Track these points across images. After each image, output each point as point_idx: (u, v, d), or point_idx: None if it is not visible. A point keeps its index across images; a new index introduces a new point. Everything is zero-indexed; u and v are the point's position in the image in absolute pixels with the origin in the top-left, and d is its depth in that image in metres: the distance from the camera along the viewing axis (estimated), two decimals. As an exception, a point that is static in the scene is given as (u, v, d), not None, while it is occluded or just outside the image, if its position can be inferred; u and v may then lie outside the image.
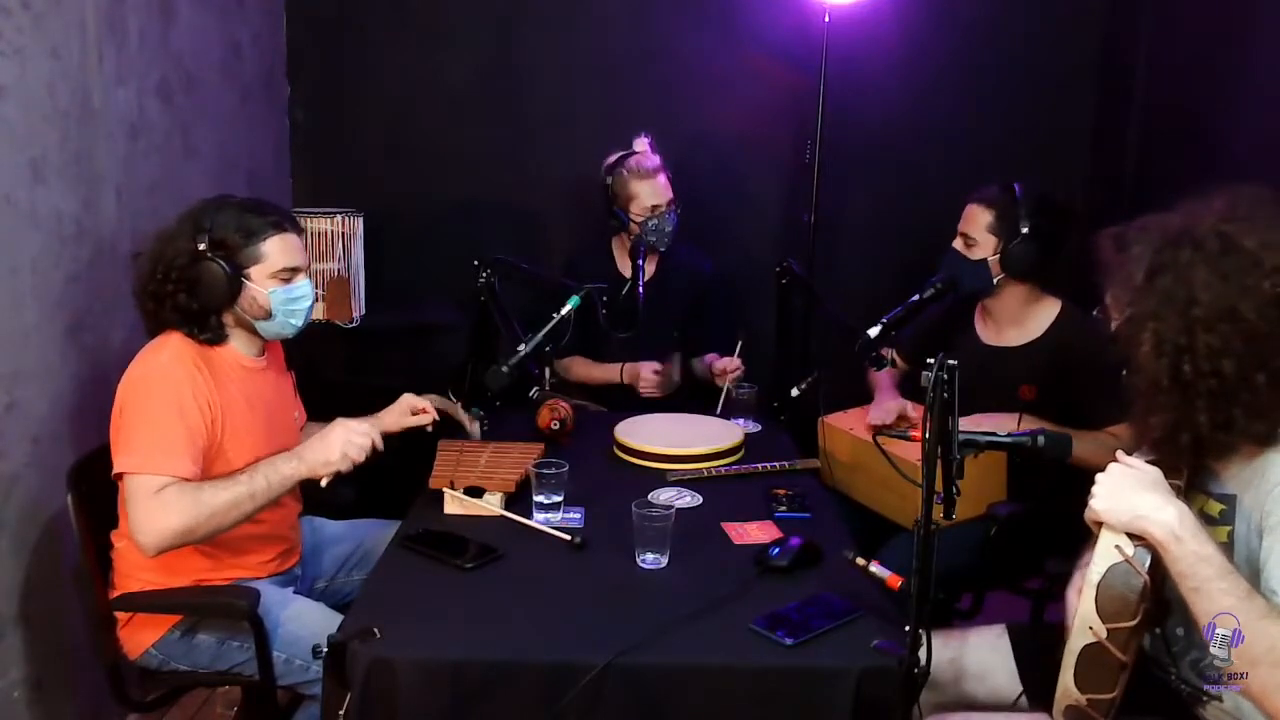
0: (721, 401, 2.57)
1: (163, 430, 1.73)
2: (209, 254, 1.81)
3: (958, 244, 2.31)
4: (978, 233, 2.27)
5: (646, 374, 2.72)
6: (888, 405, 2.36)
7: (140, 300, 1.87)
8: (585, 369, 2.86)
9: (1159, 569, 1.32)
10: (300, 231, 1.94)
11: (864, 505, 2.28)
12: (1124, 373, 1.46)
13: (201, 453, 1.78)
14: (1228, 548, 1.37)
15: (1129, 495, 1.33)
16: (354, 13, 3.35)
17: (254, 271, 1.85)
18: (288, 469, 1.79)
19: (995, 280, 2.28)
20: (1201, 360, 1.31)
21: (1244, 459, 1.38)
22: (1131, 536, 1.32)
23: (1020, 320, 2.33)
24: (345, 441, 1.80)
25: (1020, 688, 1.63)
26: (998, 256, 2.25)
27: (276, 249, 1.86)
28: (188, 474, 1.73)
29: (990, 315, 2.38)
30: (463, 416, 2.23)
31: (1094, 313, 1.53)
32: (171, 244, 1.83)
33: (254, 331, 1.92)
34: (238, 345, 1.92)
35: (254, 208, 1.88)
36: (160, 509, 1.68)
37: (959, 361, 1.34)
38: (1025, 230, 2.22)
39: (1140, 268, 1.38)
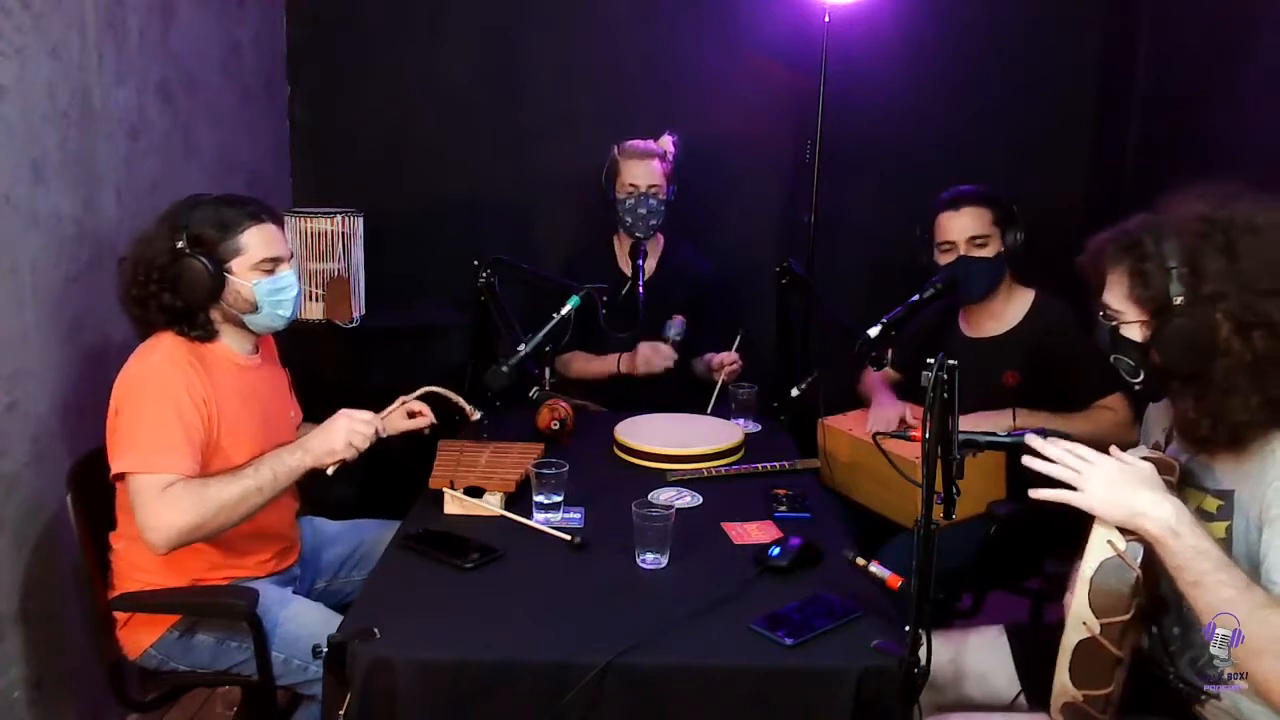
0: (715, 397, 2.57)
1: (160, 429, 1.73)
2: (188, 251, 1.81)
3: (967, 250, 2.31)
4: (987, 229, 2.31)
5: (644, 351, 2.72)
6: (888, 413, 2.37)
7: (126, 305, 1.86)
8: (584, 364, 2.87)
9: (1153, 565, 1.32)
10: (280, 222, 1.94)
11: (864, 505, 2.28)
12: (1149, 367, 1.43)
13: (199, 450, 1.78)
14: (1225, 543, 1.37)
15: (1124, 492, 1.33)
16: (354, 13, 3.35)
17: (235, 265, 1.84)
18: (293, 460, 1.79)
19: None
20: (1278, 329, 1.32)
21: (1240, 454, 1.39)
22: (1124, 531, 1.33)
23: (999, 312, 2.38)
24: (349, 430, 1.80)
25: (1019, 688, 1.63)
26: (1004, 250, 2.32)
27: (256, 240, 1.85)
28: (189, 471, 1.74)
29: (970, 310, 2.42)
30: (458, 399, 2.16)
31: (1100, 316, 1.51)
32: (150, 245, 1.83)
33: (243, 326, 1.91)
34: (230, 342, 1.92)
35: (230, 201, 1.88)
36: (168, 506, 1.69)
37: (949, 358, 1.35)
38: (1019, 220, 2.32)
39: (1174, 259, 1.37)
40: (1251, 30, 2.60)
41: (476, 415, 2.06)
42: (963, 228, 2.32)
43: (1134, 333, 1.45)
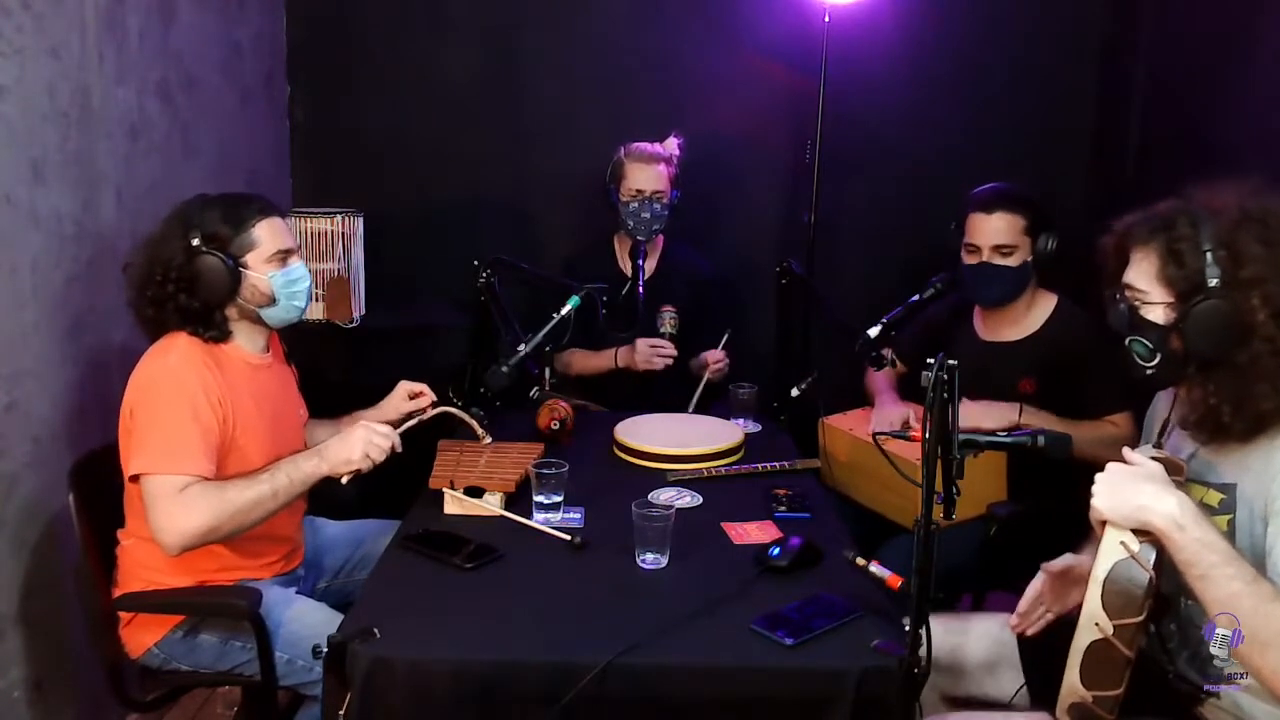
0: (697, 394, 2.57)
1: (177, 430, 1.74)
2: (203, 249, 1.82)
3: (990, 257, 2.27)
4: (1015, 238, 2.25)
5: (643, 350, 2.72)
6: (890, 413, 2.36)
7: (138, 309, 1.86)
8: (584, 360, 2.87)
9: (1161, 565, 1.32)
10: (284, 215, 1.96)
11: (864, 505, 2.28)
12: (1179, 350, 1.42)
13: (215, 451, 1.78)
14: (1229, 536, 1.37)
15: (1129, 489, 1.33)
16: (354, 13, 3.35)
17: (250, 259, 1.86)
18: (309, 466, 1.80)
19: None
20: None
21: (1246, 446, 1.38)
22: (1136, 533, 1.32)
23: (1018, 317, 2.34)
24: (367, 441, 1.81)
25: (1022, 680, 1.63)
26: (1033, 258, 2.27)
27: (267, 233, 1.87)
28: (205, 473, 1.74)
29: (987, 312, 2.39)
30: (474, 424, 2.14)
31: (1117, 296, 1.49)
32: (163, 247, 1.84)
33: (258, 323, 1.92)
34: (242, 342, 1.93)
35: (237, 198, 1.90)
36: (184, 508, 1.69)
37: (960, 359, 1.35)
38: (1054, 226, 2.27)
39: (1211, 242, 1.37)
40: (1251, 30, 2.60)
41: (488, 440, 2.05)
42: (991, 232, 2.25)
43: (1157, 314, 1.43)
